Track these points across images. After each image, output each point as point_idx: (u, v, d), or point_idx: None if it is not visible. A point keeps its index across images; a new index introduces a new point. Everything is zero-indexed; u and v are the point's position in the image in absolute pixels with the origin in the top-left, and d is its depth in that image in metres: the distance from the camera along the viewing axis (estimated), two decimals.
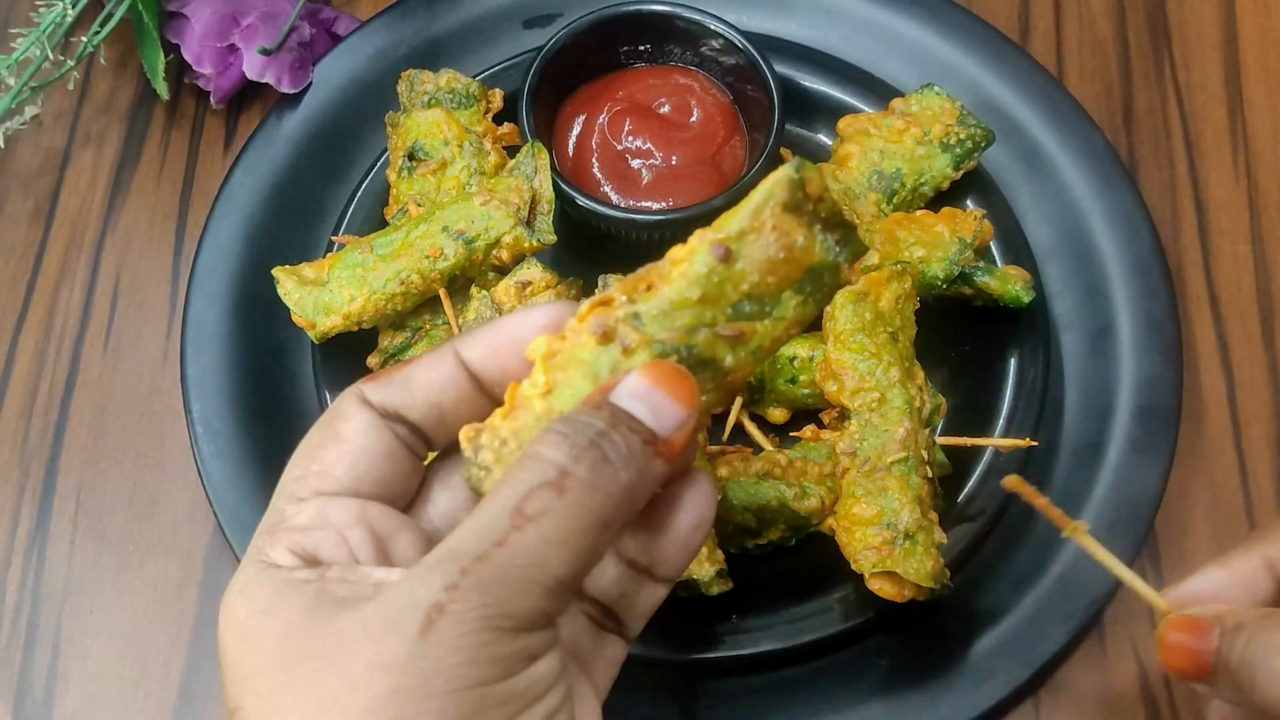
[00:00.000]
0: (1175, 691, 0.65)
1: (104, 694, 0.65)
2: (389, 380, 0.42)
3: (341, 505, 0.40)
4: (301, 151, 0.74)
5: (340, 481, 0.41)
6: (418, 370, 0.42)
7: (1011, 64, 0.77)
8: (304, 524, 0.40)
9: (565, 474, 0.36)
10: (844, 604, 0.64)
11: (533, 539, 0.36)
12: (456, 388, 0.42)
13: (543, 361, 0.40)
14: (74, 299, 0.75)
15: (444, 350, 0.42)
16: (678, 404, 0.39)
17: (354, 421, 0.41)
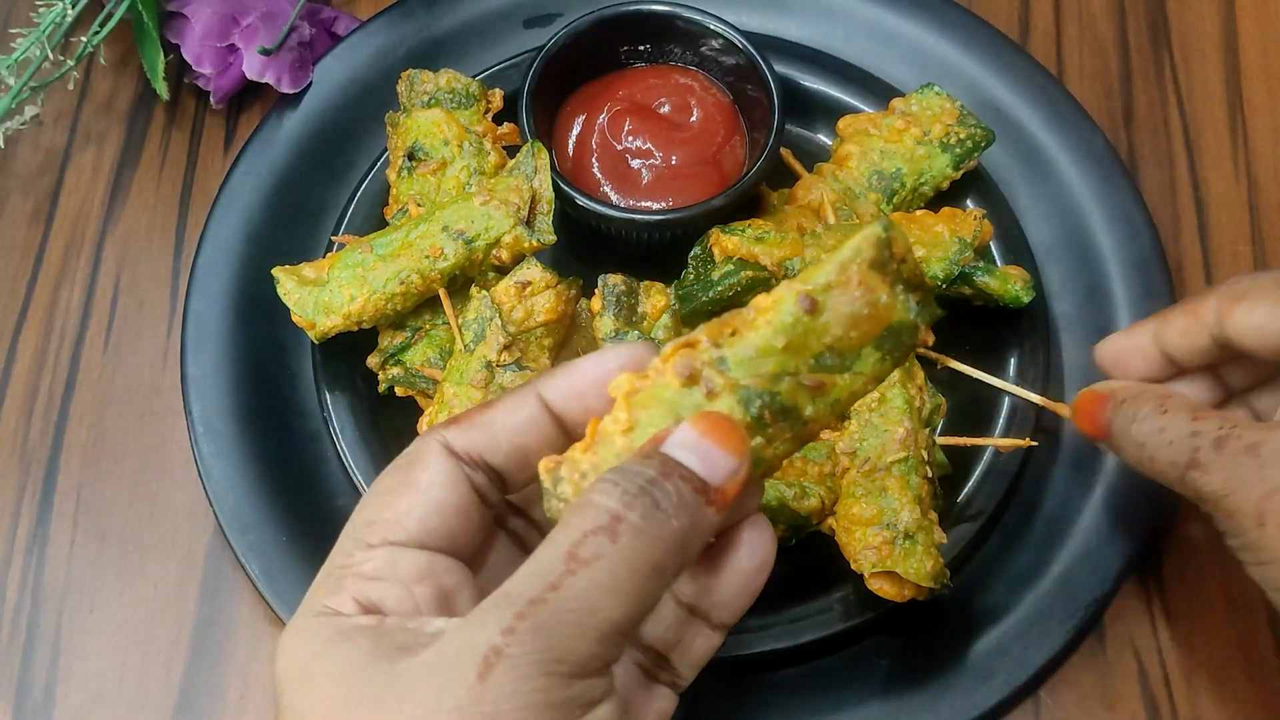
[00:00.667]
0: (1175, 691, 0.65)
1: (104, 694, 0.65)
2: (471, 424, 0.42)
3: (410, 558, 0.40)
4: (301, 151, 0.74)
5: (411, 533, 0.41)
6: (500, 414, 0.42)
7: (1011, 64, 0.77)
8: (371, 573, 0.40)
9: (617, 519, 0.36)
10: (844, 604, 0.64)
11: (585, 583, 0.36)
12: (539, 429, 0.42)
13: (625, 399, 0.40)
14: (74, 299, 0.75)
15: (525, 392, 0.42)
16: (728, 454, 0.39)
17: (432, 471, 0.41)
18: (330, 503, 0.67)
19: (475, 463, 0.42)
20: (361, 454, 0.67)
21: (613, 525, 0.36)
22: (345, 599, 0.40)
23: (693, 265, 0.67)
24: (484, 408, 0.42)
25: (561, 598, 0.35)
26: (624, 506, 0.37)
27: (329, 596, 0.40)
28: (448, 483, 0.41)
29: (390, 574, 0.40)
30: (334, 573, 0.41)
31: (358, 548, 0.41)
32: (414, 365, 0.67)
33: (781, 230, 0.67)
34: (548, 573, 0.36)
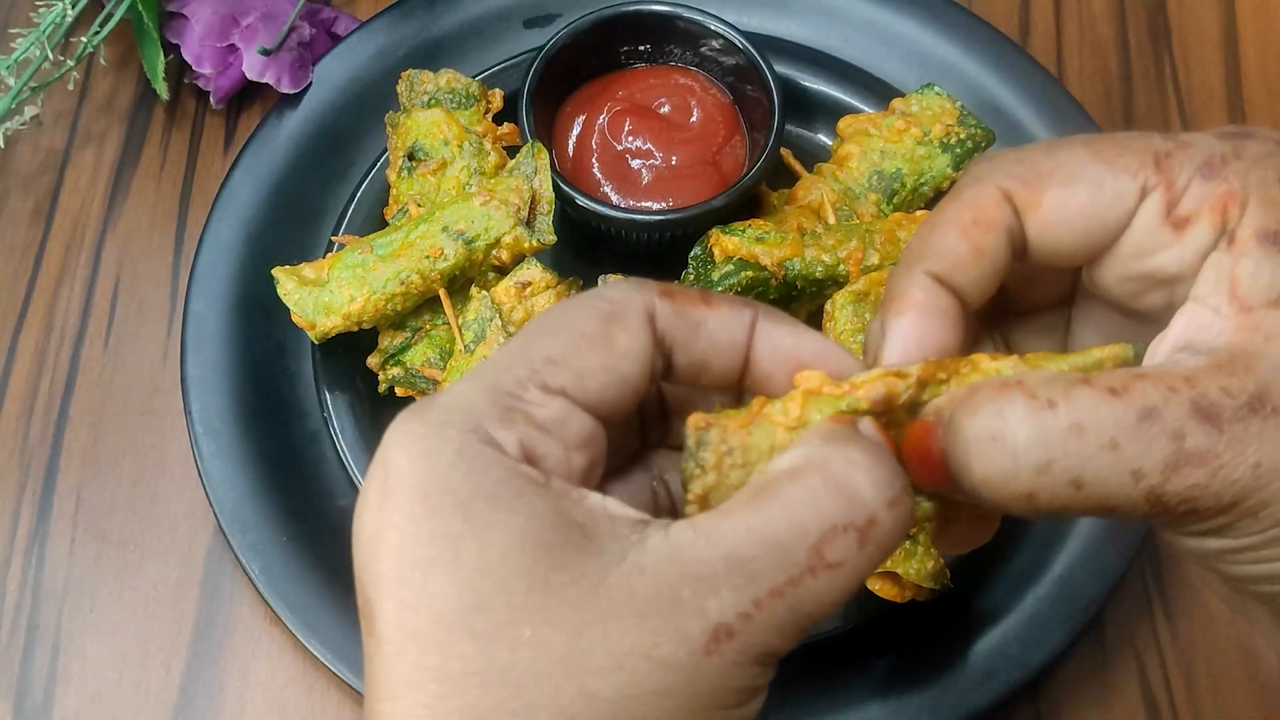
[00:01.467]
0: (1175, 691, 0.65)
1: (104, 694, 0.65)
2: (683, 312, 0.37)
3: (580, 421, 0.35)
4: (301, 151, 0.74)
5: (590, 395, 0.35)
6: (714, 319, 0.37)
7: (1011, 64, 0.77)
8: (543, 421, 0.35)
9: (873, 522, 0.33)
10: (844, 604, 0.64)
11: (822, 589, 0.33)
12: (729, 360, 0.38)
13: (804, 396, 0.37)
14: (74, 299, 0.75)
15: (744, 314, 0.38)
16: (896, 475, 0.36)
17: (633, 338, 0.36)
18: (330, 503, 0.67)
19: (664, 348, 0.37)
20: (361, 454, 0.67)
21: (867, 528, 0.33)
22: (511, 437, 0.34)
23: (693, 265, 0.67)
24: (701, 301, 0.37)
25: (798, 597, 0.32)
26: (885, 506, 0.33)
27: (494, 422, 0.34)
28: (641, 357, 0.36)
29: (559, 430, 0.35)
30: (502, 397, 0.35)
31: (534, 382, 0.35)
32: (414, 365, 0.67)
33: (781, 230, 0.67)
34: (791, 564, 0.32)
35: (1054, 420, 0.33)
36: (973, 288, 0.38)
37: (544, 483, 0.33)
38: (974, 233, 0.38)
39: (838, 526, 0.32)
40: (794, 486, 0.33)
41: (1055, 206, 0.37)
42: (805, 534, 0.32)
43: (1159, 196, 0.36)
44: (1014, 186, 0.38)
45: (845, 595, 0.33)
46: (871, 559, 0.33)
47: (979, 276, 0.38)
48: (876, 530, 0.33)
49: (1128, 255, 0.37)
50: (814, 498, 0.33)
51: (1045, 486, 0.33)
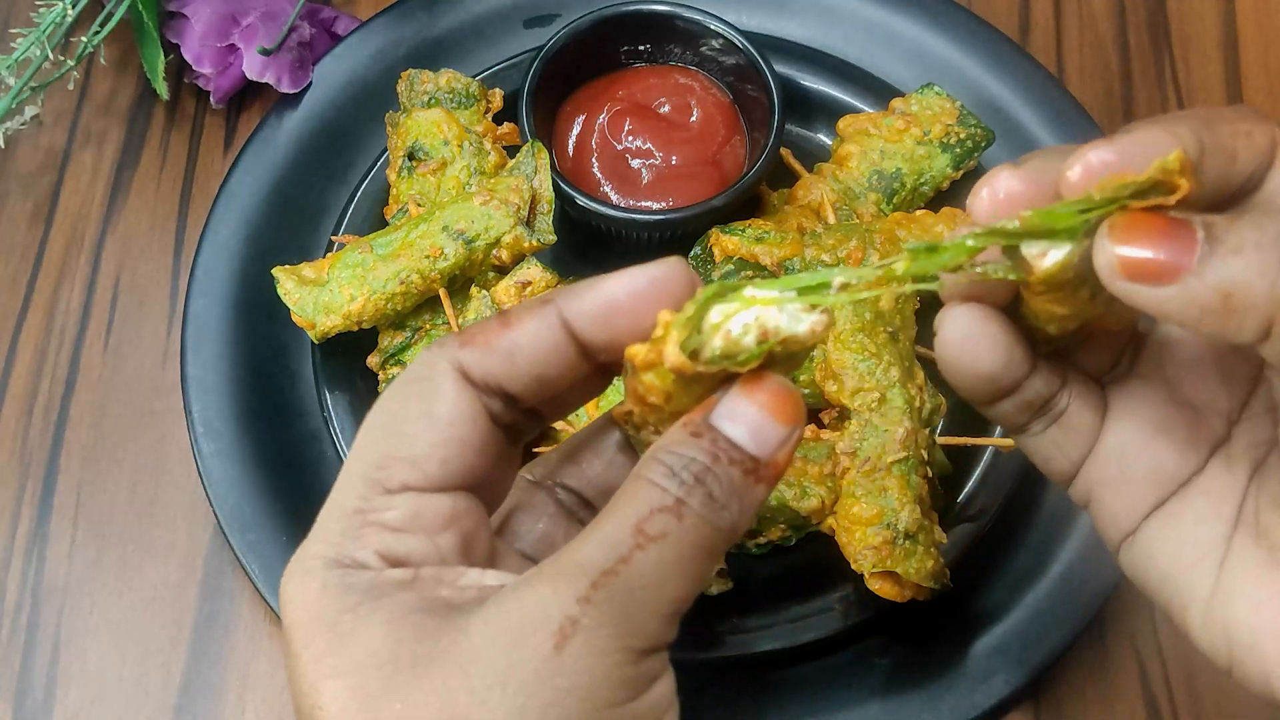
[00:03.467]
0: (1175, 691, 0.65)
1: (104, 694, 0.65)
2: (488, 349, 0.37)
3: (434, 505, 0.37)
4: (301, 151, 0.74)
5: (432, 477, 0.37)
6: (521, 337, 0.38)
7: (1011, 64, 0.77)
8: (394, 523, 0.36)
9: (680, 503, 0.35)
10: (844, 604, 0.64)
11: (654, 559, 0.34)
12: (562, 357, 0.38)
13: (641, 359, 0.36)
14: (74, 299, 0.75)
15: (547, 315, 0.38)
16: (780, 423, 0.36)
17: (450, 403, 0.37)
18: None
19: (492, 390, 0.38)
20: None
21: (677, 507, 0.35)
22: (368, 552, 0.36)
23: (693, 265, 0.67)
24: (501, 327, 0.38)
25: (633, 571, 0.34)
26: (685, 494, 0.35)
27: (349, 545, 0.36)
28: (468, 417, 0.37)
29: (414, 525, 0.36)
30: (349, 518, 0.36)
31: (374, 491, 0.36)
32: None
33: (781, 230, 0.67)
34: (618, 545, 0.34)
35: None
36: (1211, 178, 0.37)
37: (410, 579, 0.35)
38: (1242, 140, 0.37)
39: (653, 509, 0.35)
40: (614, 502, 0.36)
41: None
42: (627, 523, 0.35)
43: None
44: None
45: (679, 564, 0.35)
46: (694, 529, 0.35)
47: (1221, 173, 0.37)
48: (687, 509, 0.35)
49: None
50: (630, 499, 0.35)
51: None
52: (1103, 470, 0.42)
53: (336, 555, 0.36)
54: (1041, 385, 0.41)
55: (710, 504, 0.35)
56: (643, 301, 0.37)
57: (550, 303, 0.38)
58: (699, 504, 0.35)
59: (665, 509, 0.35)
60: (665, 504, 0.35)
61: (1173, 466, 0.41)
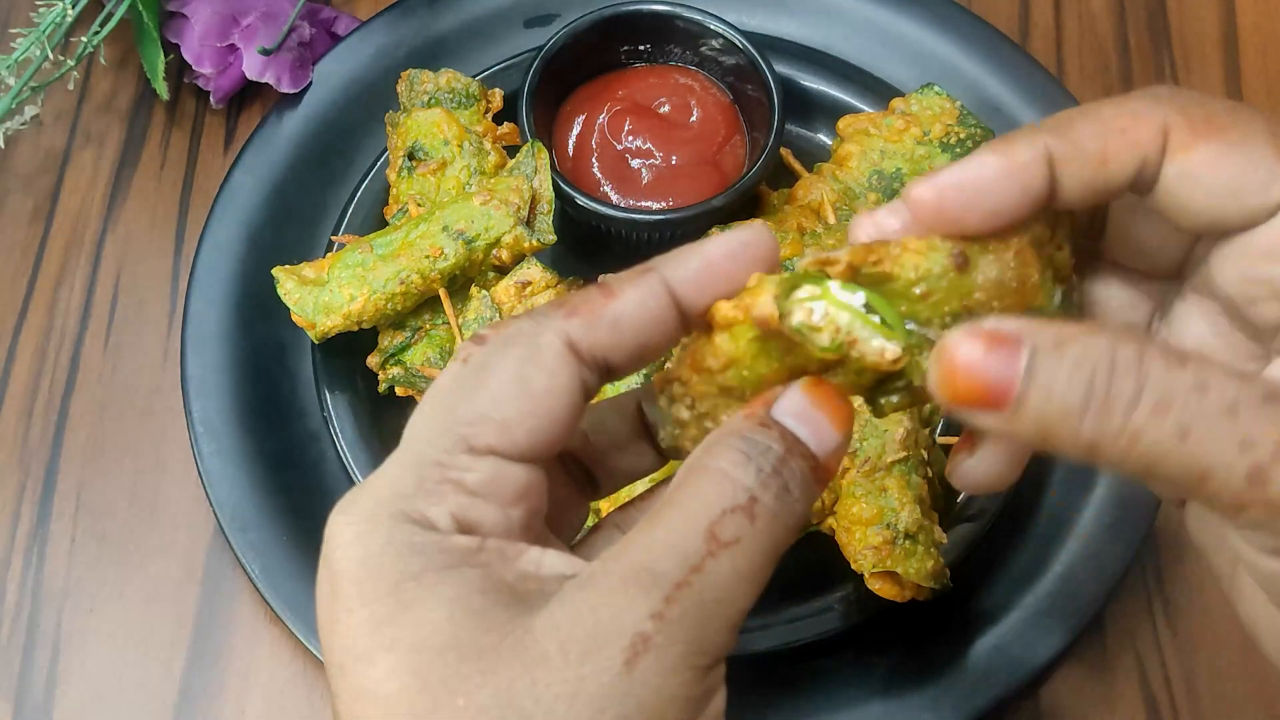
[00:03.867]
0: (1175, 692, 0.65)
1: (104, 694, 0.65)
2: (596, 320, 0.36)
3: (513, 475, 0.35)
4: (301, 151, 0.74)
5: (519, 446, 0.35)
6: (626, 305, 0.37)
7: (1011, 64, 0.77)
8: (475, 487, 0.35)
9: (754, 500, 0.34)
10: (844, 604, 0.64)
11: (727, 569, 0.33)
12: (666, 324, 0.37)
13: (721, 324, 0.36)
14: (74, 299, 0.75)
15: (651, 281, 0.37)
16: (836, 428, 0.36)
17: (552, 376, 0.36)
18: (330, 503, 0.65)
19: (594, 364, 0.37)
20: (361, 454, 0.67)
21: (750, 506, 0.34)
22: (441, 510, 0.34)
23: None
24: (605, 297, 0.37)
25: (706, 584, 0.33)
26: (760, 487, 0.34)
27: (422, 500, 0.34)
28: (564, 389, 0.36)
29: (491, 491, 0.35)
30: (428, 469, 0.35)
31: (459, 448, 0.35)
32: (414, 365, 0.67)
33: (781, 230, 0.67)
34: (690, 553, 0.33)
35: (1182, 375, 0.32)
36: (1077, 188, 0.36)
37: (477, 549, 0.34)
38: (1114, 140, 0.36)
39: (725, 509, 0.33)
40: (681, 493, 0.34)
41: (1208, 158, 0.35)
42: (699, 524, 0.33)
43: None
44: (1178, 123, 0.36)
45: (751, 572, 0.34)
46: (765, 532, 0.34)
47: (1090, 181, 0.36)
48: (760, 506, 0.34)
49: (1259, 253, 0.36)
50: (698, 494, 0.34)
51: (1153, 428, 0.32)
52: None
53: (406, 509, 0.34)
54: None
55: (785, 497, 0.34)
56: (737, 262, 0.37)
57: (652, 270, 0.37)
58: (773, 499, 0.34)
59: (738, 509, 0.34)
60: (738, 502, 0.34)
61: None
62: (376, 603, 0.33)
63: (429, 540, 0.34)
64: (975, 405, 0.33)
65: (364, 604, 0.33)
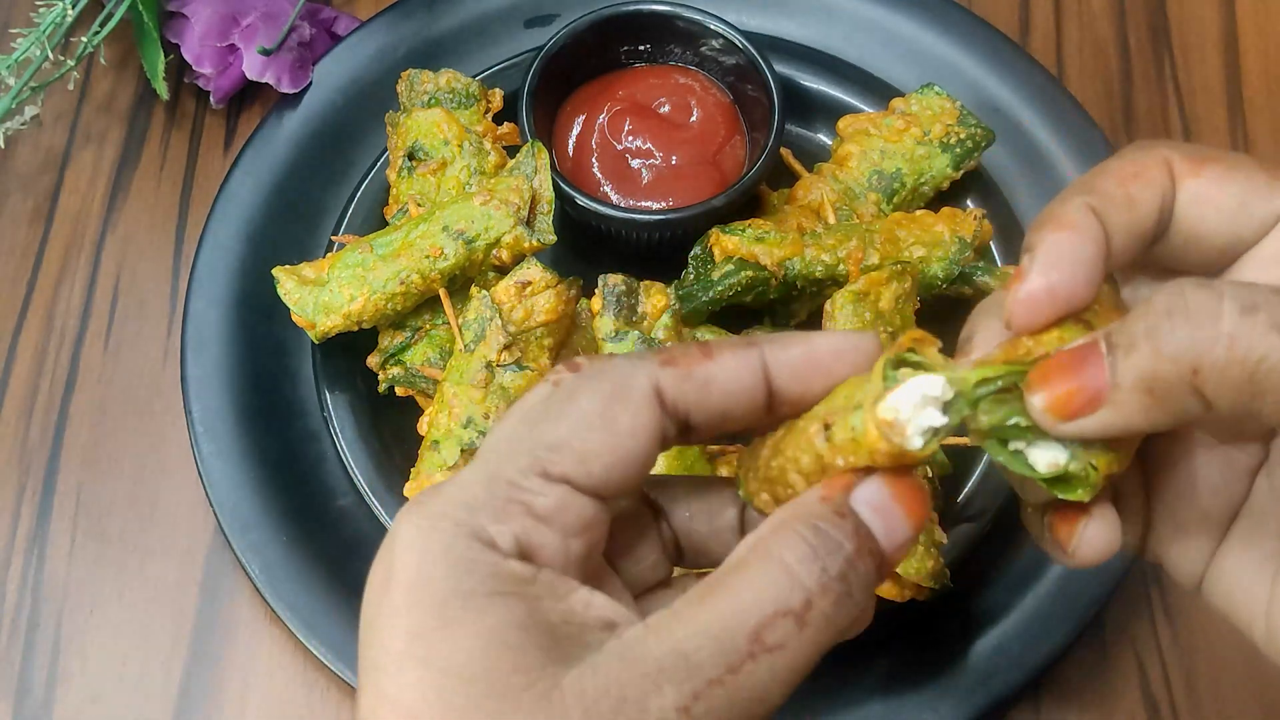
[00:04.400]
0: (1175, 691, 0.65)
1: (104, 694, 0.65)
2: (689, 374, 0.37)
3: (580, 506, 0.36)
4: (301, 151, 0.74)
5: (593, 479, 0.36)
6: (720, 371, 0.37)
7: (1011, 64, 0.77)
8: (543, 511, 0.35)
9: (809, 605, 0.33)
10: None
11: (765, 673, 0.33)
12: (752, 397, 0.38)
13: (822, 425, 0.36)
14: (74, 299, 0.75)
15: (751, 354, 0.37)
16: (910, 524, 0.35)
17: (636, 416, 0.36)
18: (330, 503, 0.67)
19: (678, 416, 0.37)
20: (361, 453, 0.67)
21: (803, 611, 0.33)
22: (506, 531, 0.35)
23: (693, 265, 0.67)
24: (703, 356, 0.37)
25: (740, 684, 0.33)
26: (819, 589, 0.34)
27: (488, 517, 0.35)
28: (646, 433, 0.36)
29: (558, 519, 0.35)
30: (501, 487, 0.35)
31: (535, 470, 0.35)
32: (414, 365, 0.67)
33: (781, 230, 0.67)
34: (731, 651, 0.33)
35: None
36: (1120, 234, 0.37)
37: (530, 579, 0.34)
38: (1132, 184, 0.38)
39: (777, 611, 0.33)
40: (736, 578, 0.34)
41: (1213, 180, 0.37)
42: (746, 621, 0.33)
43: None
44: (1177, 157, 0.38)
45: (789, 677, 0.34)
46: (813, 640, 0.34)
47: (1129, 224, 0.37)
48: (813, 613, 0.33)
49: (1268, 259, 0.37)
50: (753, 586, 0.34)
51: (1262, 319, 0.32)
52: (1159, 531, 0.42)
53: (472, 523, 0.35)
54: None
55: (844, 602, 0.34)
56: (841, 362, 0.37)
57: (755, 345, 0.38)
58: (830, 605, 0.34)
59: (790, 613, 0.33)
60: (791, 606, 0.33)
61: (1219, 505, 0.41)
62: (421, 612, 0.33)
63: (486, 560, 0.34)
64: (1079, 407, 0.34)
65: (409, 610, 0.33)
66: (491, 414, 0.63)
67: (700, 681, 0.33)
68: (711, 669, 0.33)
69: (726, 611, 0.33)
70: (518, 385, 0.63)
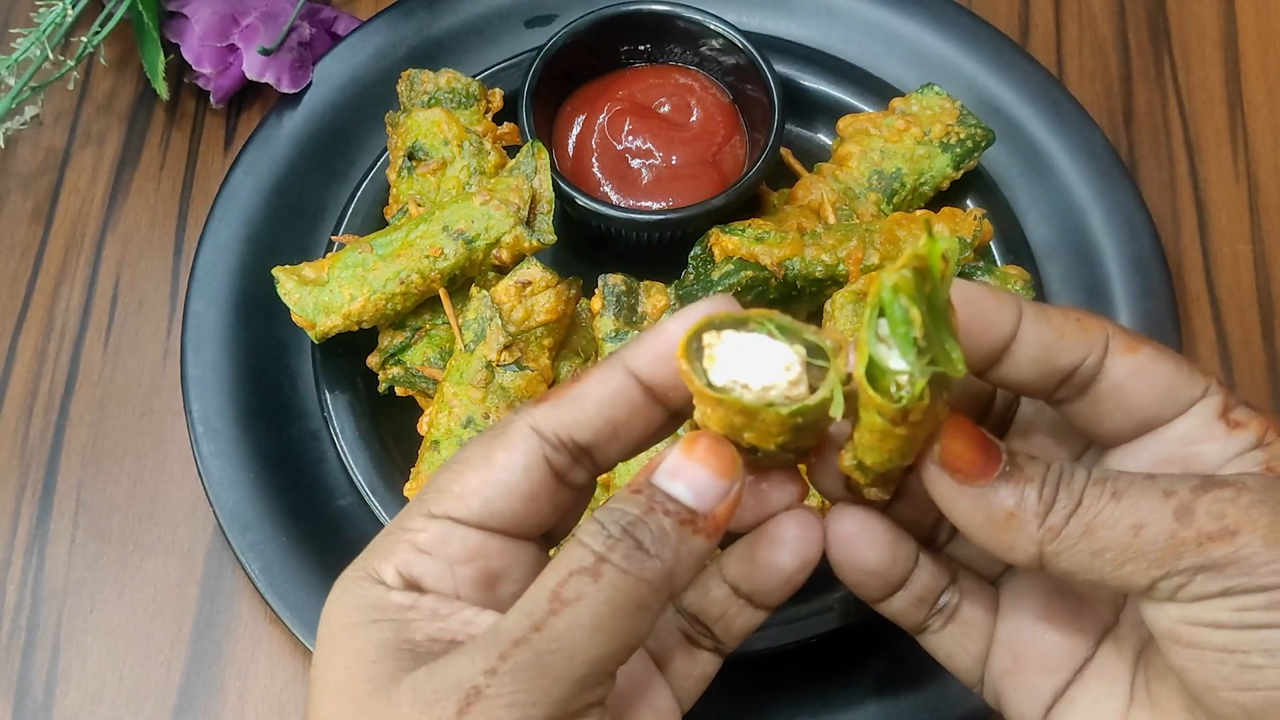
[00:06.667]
0: None
1: (104, 694, 0.65)
2: (559, 401, 0.41)
3: (462, 536, 0.40)
4: (301, 151, 0.74)
5: (472, 511, 0.40)
6: (590, 388, 0.41)
7: (1011, 64, 0.77)
8: (422, 544, 0.40)
9: (601, 560, 0.37)
10: (843, 604, 0.64)
11: (567, 623, 0.36)
12: (629, 401, 0.41)
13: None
14: (74, 299, 0.75)
15: (613, 364, 0.41)
16: (717, 477, 0.39)
17: (512, 452, 0.40)
18: (330, 503, 0.67)
19: (562, 444, 0.41)
20: (361, 454, 0.67)
21: (596, 566, 0.36)
22: (391, 567, 0.40)
23: (693, 265, 0.67)
24: (573, 382, 0.41)
25: (543, 638, 0.36)
26: (607, 549, 0.37)
27: (380, 559, 0.40)
28: (524, 465, 0.40)
29: (438, 549, 0.40)
30: (393, 533, 0.41)
31: (419, 513, 0.41)
32: (414, 365, 0.67)
33: (781, 230, 0.67)
34: (533, 611, 0.36)
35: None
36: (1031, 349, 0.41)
37: (410, 605, 0.39)
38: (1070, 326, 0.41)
39: (571, 571, 0.37)
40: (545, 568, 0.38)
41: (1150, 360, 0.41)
42: (545, 588, 0.37)
43: (1219, 399, 0.41)
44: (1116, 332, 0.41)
45: (594, 623, 0.36)
46: (615, 587, 0.37)
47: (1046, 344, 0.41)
48: (606, 566, 0.37)
49: (1176, 439, 0.41)
50: (554, 564, 0.37)
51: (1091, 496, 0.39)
52: (1000, 663, 0.45)
53: (366, 566, 0.40)
54: (929, 579, 0.45)
55: (636, 555, 0.37)
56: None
57: (613, 355, 0.42)
58: (621, 557, 0.37)
59: (583, 570, 0.37)
60: (584, 564, 0.37)
61: (1064, 654, 0.44)
62: (322, 644, 0.40)
63: (372, 594, 0.40)
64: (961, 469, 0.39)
65: (319, 644, 0.40)
66: (492, 414, 0.63)
67: (506, 643, 0.36)
68: (517, 631, 0.36)
69: (531, 590, 0.37)
70: (517, 385, 0.63)
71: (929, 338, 0.36)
